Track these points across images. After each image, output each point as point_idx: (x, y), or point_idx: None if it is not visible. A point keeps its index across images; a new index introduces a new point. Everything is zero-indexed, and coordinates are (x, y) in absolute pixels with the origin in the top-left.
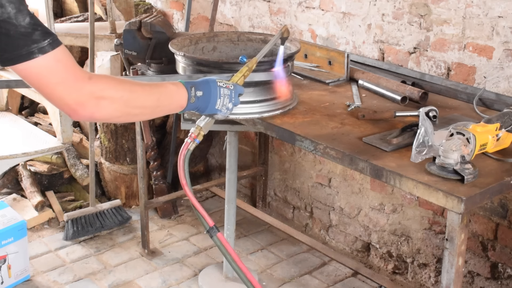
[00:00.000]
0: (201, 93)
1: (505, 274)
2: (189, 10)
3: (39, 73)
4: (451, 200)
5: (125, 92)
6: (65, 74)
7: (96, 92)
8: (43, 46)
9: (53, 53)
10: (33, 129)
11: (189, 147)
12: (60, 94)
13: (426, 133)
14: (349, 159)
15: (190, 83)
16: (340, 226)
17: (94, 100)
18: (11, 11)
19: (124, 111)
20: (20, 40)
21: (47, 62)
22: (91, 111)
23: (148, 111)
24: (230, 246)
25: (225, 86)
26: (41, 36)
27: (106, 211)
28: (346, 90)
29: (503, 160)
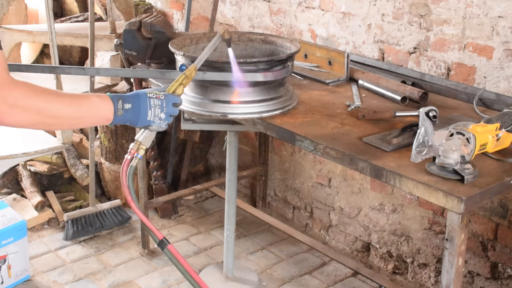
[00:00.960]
0: (129, 106)
1: (505, 274)
2: (189, 10)
3: None
4: (451, 200)
5: (40, 102)
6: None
7: (9, 100)
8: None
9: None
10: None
11: (131, 163)
12: None
13: (426, 133)
14: (349, 159)
15: (118, 96)
16: (340, 226)
17: (7, 108)
18: None
19: (37, 120)
20: None
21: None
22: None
23: (65, 121)
24: (182, 257)
25: (155, 96)
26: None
27: (106, 211)
28: (346, 90)
29: (503, 160)
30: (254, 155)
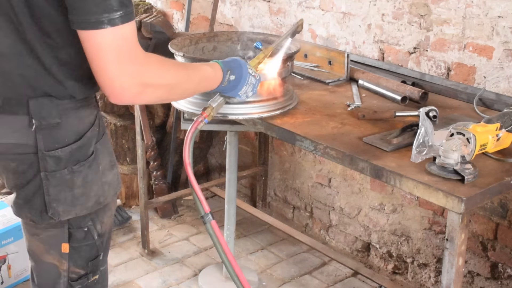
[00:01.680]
0: (233, 77)
1: (505, 274)
2: (189, 10)
3: (101, 45)
4: (451, 200)
5: (171, 80)
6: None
7: (145, 79)
8: (114, 18)
9: (122, 27)
10: None
11: (198, 127)
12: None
13: (426, 133)
14: (349, 159)
15: (227, 66)
16: (340, 226)
17: (140, 88)
18: None
19: (165, 97)
20: (93, 6)
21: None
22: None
23: (186, 94)
24: (222, 236)
25: (253, 74)
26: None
27: None
28: (346, 90)
29: (503, 160)
30: (254, 155)
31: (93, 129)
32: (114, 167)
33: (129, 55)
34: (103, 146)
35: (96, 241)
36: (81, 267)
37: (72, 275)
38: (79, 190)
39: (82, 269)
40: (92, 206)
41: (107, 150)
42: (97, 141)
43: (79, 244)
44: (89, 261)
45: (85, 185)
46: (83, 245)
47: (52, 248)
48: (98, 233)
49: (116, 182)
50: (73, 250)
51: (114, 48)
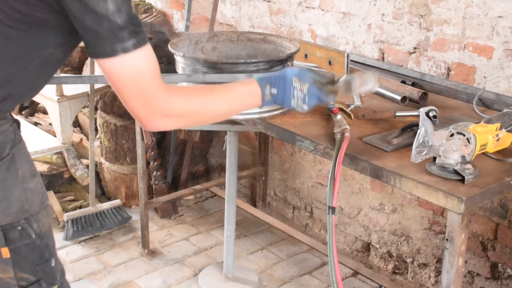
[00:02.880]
0: (275, 91)
1: (505, 274)
2: (189, 10)
3: (116, 73)
4: (451, 200)
5: (196, 106)
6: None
7: (166, 110)
8: (127, 46)
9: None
10: (33, 129)
11: None
12: (133, 108)
13: (426, 133)
14: (349, 159)
15: (266, 80)
16: (340, 226)
17: (164, 117)
18: (110, 7)
19: (193, 122)
20: (106, 36)
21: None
22: (159, 126)
23: (219, 118)
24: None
25: (299, 88)
26: (129, 35)
27: (106, 211)
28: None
29: (503, 160)
30: (254, 155)
31: (6, 134)
32: (35, 176)
33: (146, 88)
34: (20, 153)
35: (36, 241)
36: (28, 272)
37: (22, 282)
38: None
39: (30, 274)
40: (16, 213)
41: (26, 158)
42: (13, 146)
43: (16, 245)
44: (36, 265)
45: (4, 189)
46: (21, 245)
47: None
48: (36, 232)
49: (41, 190)
50: (13, 254)
51: (129, 80)
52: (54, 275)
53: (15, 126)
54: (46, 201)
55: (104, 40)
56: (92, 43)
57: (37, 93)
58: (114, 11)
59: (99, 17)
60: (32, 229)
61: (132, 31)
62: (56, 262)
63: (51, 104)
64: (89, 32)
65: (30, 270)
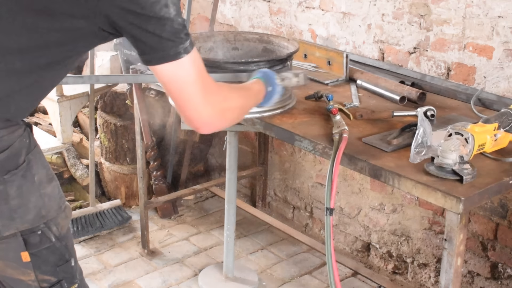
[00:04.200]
0: (270, 89)
1: (505, 274)
2: (189, 10)
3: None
4: (449, 200)
5: (239, 100)
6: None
7: (224, 105)
8: (186, 46)
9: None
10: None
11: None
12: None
13: (425, 134)
14: (348, 159)
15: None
16: (340, 226)
17: (223, 113)
18: (172, 12)
19: (238, 117)
20: (169, 41)
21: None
22: (219, 122)
23: (246, 113)
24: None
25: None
26: (186, 36)
27: (106, 211)
28: (345, 90)
29: (501, 160)
30: (254, 155)
31: (21, 140)
32: (52, 180)
33: (207, 84)
34: (36, 158)
35: (56, 244)
36: (49, 274)
37: (44, 284)
38: (15, 202)
39: (51, 275)
40: (34, 219)
41: (42, 163)
42: (28, 152)
43: (37, 249)
44: (57, 266)
45: (21, 196)
46: (42, 249)
47: (12, 261)
48: (55, 235)
49: (58, 195)
50: (34, 257)
51: (193, 78)
52: (74, 274)
53: (28, 131)
54: (64, 204)
55: (167, 44)
56: (153, 49)
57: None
58: (175, 15)
59: (162, 21)
60: (51, 232)
61: (186, 33)
62: (75, 261)
63: (51, 104)
64: (150, 38)
65: (51, 271)
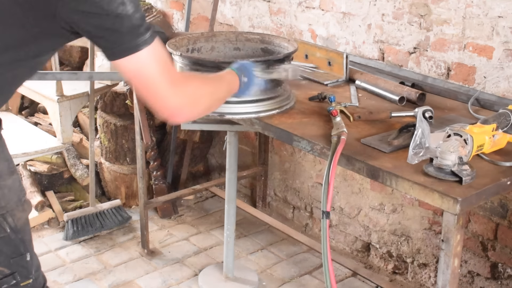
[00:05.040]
0: (246, 79)
1: (505, 274)
2: (189, 10)
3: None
4: (446, 201)
5: (209, 88)
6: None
7: (190, 92)
8: (146, 39)
9: (153, 46)
10: (33, 129)
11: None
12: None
13: (423, 135)
14: (346, 160)
15: (239, 70)
16: (340, 226)
17: (191, 103)
18: (130, 9)
19: (210, 105)
20: (128, 34)
21: (149, 55)
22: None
23: (220, 102)
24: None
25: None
26: (146, 29)
27: (106, 211)
28: (344, 90)
29: (496, 163)
30: (254, 155)
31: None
32: (14, 173)
33: (172, 74)
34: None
35: (11, 235)
36: (2, 265)
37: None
38: None
39: (4, 267)
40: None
41: (4, 156)
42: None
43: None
44: (11, 258)
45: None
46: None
47: None
48: (10, 227)
49: (18, 188)
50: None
51: (156, 69)
52: (29, 269)
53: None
54: (24, 197)
55: (125, 37)
56: (113, 44)
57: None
58: (134, 11)
59: (120, 18)
60: (7, 223)
61: (146, 27)
62: (31, 257)
63: (51, 104)
64: (110, 34)
65: (5, 263)
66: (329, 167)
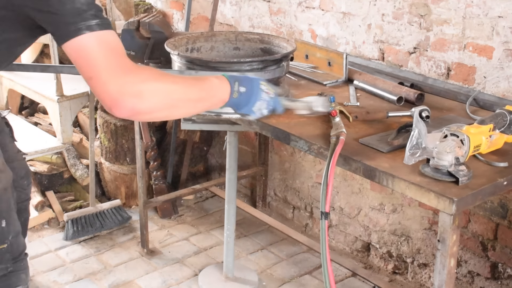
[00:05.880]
0: (244, 89)
1: (505, 274)
2: (189, 10)
3: (86, 51)
4: (442, 201)
5: (168, 84)
6: (112, 61)
7: (139, 83)
8: (91, 24)
9: (100, 33)
10: (33, 129)
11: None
12: (103, 82)
13: (420, 135)
14: (343, 160)
15: (234, 78)
16: (340, 226)
17: (137, 91)
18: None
19: (167, 103)
20: (70, 17)
21: (93, 40)
22: (133, 101)
23: (191, 104)
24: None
25: (266, 91)
26: (92, 16)
27: (106, 211)
28: (343, 90)
29: (491, 164)
30: (254, 155)
31: None
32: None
33: (117, 61)
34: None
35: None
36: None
37: None
38: None
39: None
40: None
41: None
42: None
43: None
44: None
45: None
46: None
47: None
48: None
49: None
50: None
51: (100, 54)
52: (4, 234)
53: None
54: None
55: (68, 20)
56: (56, 27)
57: None
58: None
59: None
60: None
61: (95, 14)
62: (7, 223)
63: (51, 104)
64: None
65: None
66: (327, 168)
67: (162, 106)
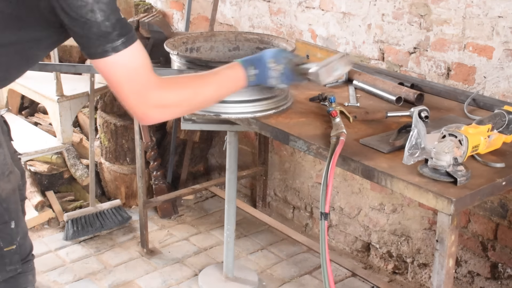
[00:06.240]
0: (256, 71)
1: (505, 274)
2: (189, 10)
3: (110, 72)
4: (441, 201)
5: (188, 94)
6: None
7: (161, 102)
8: (116, 45)
9: (125, 52)
10: (33, 129)
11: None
12: (130, 105)
13: (419, 135)
14: (341, 159)
15: (248, 61)
16: (340, 226)
17: (160, 109)
18: (99, 17)
19: (188, 109)
20: (96, 40)
21: (118, 61)
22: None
23: (210, 102)
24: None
25: (274, 68)
26: (117, 36)
27: (106, 211)
28: (343, 91)
29: (489, 164)
30: (254, 155)
31: None
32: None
33: (140, 80)
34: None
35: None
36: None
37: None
38: None
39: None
40: None
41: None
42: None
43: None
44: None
45: None
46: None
47: None
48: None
49: (3, 161)
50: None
51: (123, 76)
52: (13, 236)
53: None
54: (8, 171)
55: (94, 43)
56: (85, 46)
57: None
58: (103, 20)
59: (88, 24)
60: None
61: (119, 33)
62: (16, 225)
63: (51, 104)
64: (81, 37)
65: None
66: (327, 168)
67: (185, 111)
